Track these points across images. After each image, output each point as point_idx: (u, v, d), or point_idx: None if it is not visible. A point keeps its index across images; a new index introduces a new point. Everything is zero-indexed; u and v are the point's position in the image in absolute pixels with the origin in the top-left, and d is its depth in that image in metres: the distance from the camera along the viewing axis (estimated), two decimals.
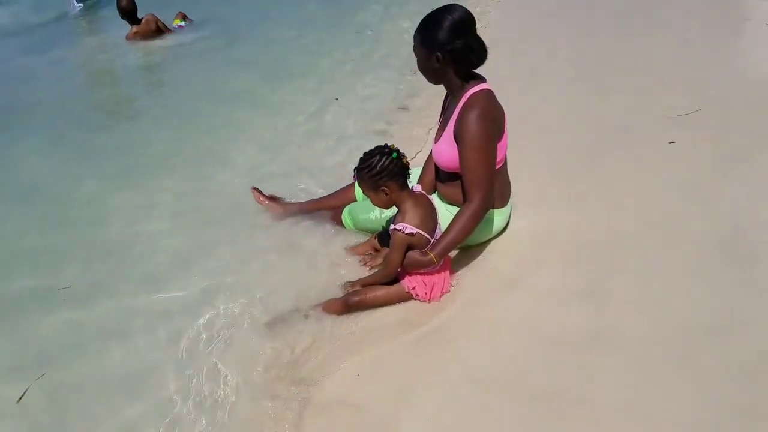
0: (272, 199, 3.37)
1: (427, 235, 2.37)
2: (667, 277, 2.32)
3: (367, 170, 2.33)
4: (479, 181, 2.35)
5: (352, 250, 2.87)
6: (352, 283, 2.58)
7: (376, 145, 2.40)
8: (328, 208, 3.13)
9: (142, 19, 7.09)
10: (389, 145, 2.37)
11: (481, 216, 2.40)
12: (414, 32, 2.40)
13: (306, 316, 2.48)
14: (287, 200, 3.38)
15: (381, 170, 2.31)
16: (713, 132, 3.28)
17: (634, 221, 2.69)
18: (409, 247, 2.38)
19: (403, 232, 2.33)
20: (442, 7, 2.35)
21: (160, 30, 7.17)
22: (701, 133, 3.28)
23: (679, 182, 2.90)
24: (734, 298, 2.15)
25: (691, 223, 2.59)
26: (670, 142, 3.23)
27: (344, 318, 2.45)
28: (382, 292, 2.48)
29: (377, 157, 2.32)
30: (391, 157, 2.32)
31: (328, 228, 3.03)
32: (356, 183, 3.00)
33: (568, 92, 4.20)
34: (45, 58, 7.08)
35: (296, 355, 2.31)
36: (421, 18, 2.39)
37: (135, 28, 7.04)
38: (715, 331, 2.03)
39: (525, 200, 2.89)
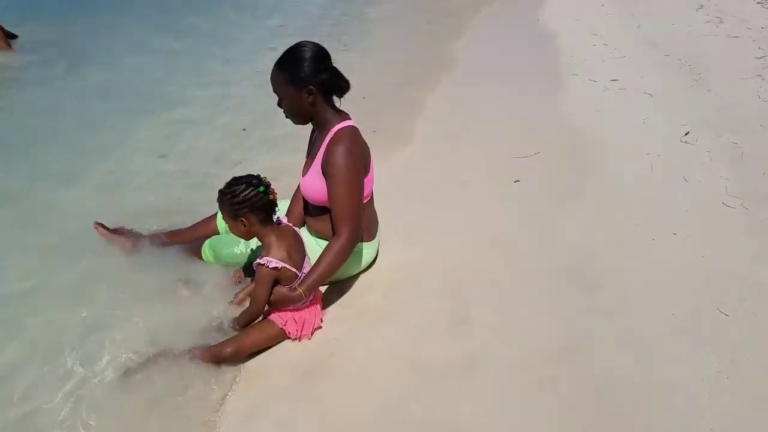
0: (118, 232, 3.10)
1: (293, 269, 2.34)
2: (523, 305, 2.52)
3: (229, 196, 2.26)
4: (347, 214, 2.38)
5: (233, 278, 2.75)
6: (232, 324, 2.43)
7: (248, 174, 2.33)
8: (186, 241, 2.94)
9: None
10: (261, 177, 2.32)
11: (349, 250, 2.42)
12: (272, 76, 2.39)
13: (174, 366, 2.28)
14: (137, 232, 3.14)
15: (243, 200, 2.25)
16: (552, 171, 3.64)
17: (490, 253, 2.89)
18: (276, 282, 2.33)
19: (267, 266, 2.27)
20: (294, 45, 2.40)
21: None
22: (541, 173, 3.62)
23: (526, 217, 3.17)
24: (582, 323, 2.38)
25: (540, 255, 2.84)
26: (515, 181, 3.52)
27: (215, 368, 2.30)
28: (258, 335, 2.37)
29: (243, 186, 2.26)
30: (257, 190, 2.26)
31: (188, 262, 2.86)
32: (218, 214, 2.91)
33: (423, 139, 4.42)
34: None
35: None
36: (275, 61, 2.39)
37: None
38: (568, 353, 2.23)
39: (392, 235, 2.99)
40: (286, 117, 2.50)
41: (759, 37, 5.53)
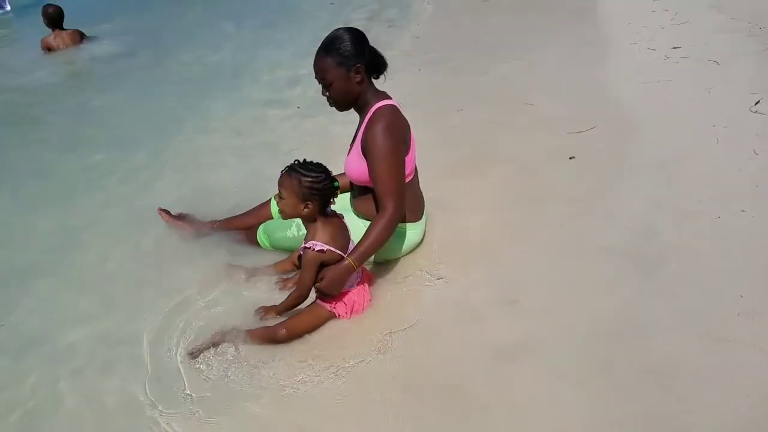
0: (181, 218, 3.20)
1: (339, 252, 2.35)
2: (579, 286, 2.45)
3: (309, 180, 2.27)
4: (389, 190, 2.42)
5: (274, 267, 2.77)
6: (265, 310, 2.47)
7: (320, 162, 2.36)
8: (242, 228, 3.01)
9: (66, 29, 6.63)
10: (331, 172, 2.36)
11: (394, 223, 2.44)
12: (317, 62, 2.43)
13: (233, 347, 2.34)
14: (197, 218, 3.21)
15: (320, 189, 2.29)
16: (608, 146, 3.50)
17: (544, 231, 2.82)
18: (322, 266, 2.35)
19: (313, 249, 2.30)
20: (333, 32, 2.45)
21: (79, 41, 6.72)
22: (597, 148, 3.49)
23: (583, 194, 3.07)
24: (641, 304, 2.29)
25: (598, 232, 2.75)
26: (570, 158, 3.41)
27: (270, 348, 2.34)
28: (309, 318, 2.39)
29: (323, 176, 2.30)
30: (333, 185, 2.32)
31: (245, 248, 2.92)
32: (273, 199, 2.94)
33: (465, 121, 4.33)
34: None
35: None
36: (318, 48, 2.43)
37: (53, 38, 6.56)
38: (625, 336, 2.16)
39: (441, 213, 2.96)
40: (331, 105, 2.53)
41: None
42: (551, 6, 6.62)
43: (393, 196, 2.41)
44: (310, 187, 2.27)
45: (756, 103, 3.64)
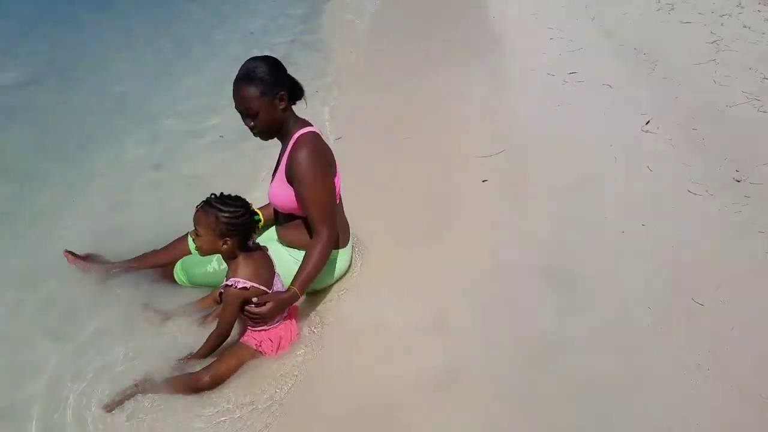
0: (89, 258, 3.02)
1: (263, 288, 2.29)
2: (498, 308, 2.52)
3: (226, 215, 2.19)
4: (322, 214, 2.42)
5: (195, 305, 2.66)
6: (187, 358, 2.35)
7: (238, 195, 2.29)
8: (158, 265, 2.87)
9: None
10: (251, 205, 2.30)
11: (330, 248, 2.46)
12: (239, 92, 2.36)
13: (152, 398, 2.21)
14: (107, 258, 3.04)
15: (239, 224, 2.21)
16: (517, 168, 3.65)
17: (463, 254, 2.89)
18: (244, 303, 2.27)
19: (236, 287, 2.23)
20: (250, 60, 2.42)
21: None
22: (507, 171, 3.63)
23: (496, 217, 3.18)
24: (558, 322, 2.39)
25: (512, 255, 2.84)
26: (483, 181, 3.53)
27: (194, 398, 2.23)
28: (233, 360, 2.31)
29: (242, 210, 2.22)
30: (252, 219, 2.26)
31: (161, 286, 2.79)
32: (189, 234, 2.84)
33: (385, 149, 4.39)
34: None
35: None
36: (234, 79, 2.38)
37: None
38: (546, 355, 2.24)
39: (363, 241, 2.97)
40: (255, 134, 2.48)
41: (710, 21, 5.67)
42: (453, 39, 6.85)
43: (326, 221, 2.43)
44: (228, 222, 2.19)
45: (647, 123, 3.92)
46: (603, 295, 2.50)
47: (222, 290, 2.28)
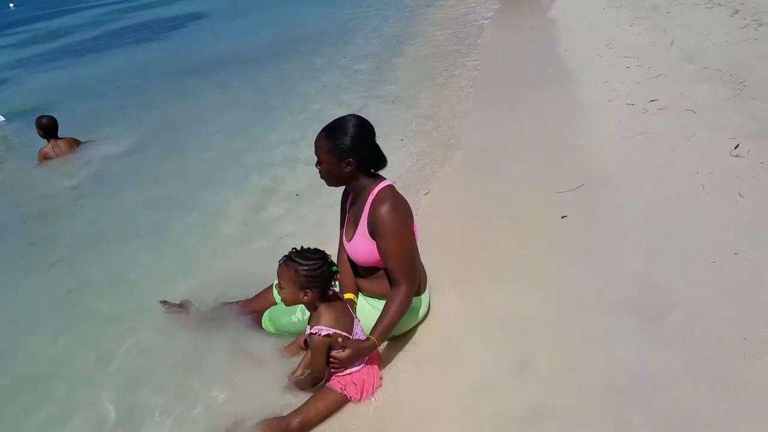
0: (182, 306, 3.24)
1: (344, 333, 2.39)
2: (587, 344, 2.46)
3: (306, 268, 2.32)
4: (404, 267, 2.50)
5: (286, 350, 2.78)
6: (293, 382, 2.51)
7: (317, 248, 2.42)
8: (246, 313, 3.05)
9: (61, 138, 6.75)
10: (329, 256, 2.42)
11: (410, 298, 2.52)
12: (316, 140, 2.51)
13: None
14: (198, 307, 3.23)
15: (318, 276, 2.34)
16: (598, 202, 3.58)
17: (544, 292, 2.85)
18: (330, 348, 2.37)
19: (320, 334, 2.34)
20: (342, 117, 2.53)
21: (75, 147, 6.88)
22: (588, 205, 3.57)
23: (580, 252, 3.12)
24: (649, 357, 2.30)
25: (599, 289, 2.77)
26: (562, 217, 3.48)
27: None
28: (321, 404, 2.39)
29: (320, 262, 2.35)
30: (330, 269, 2.38)
31: (250, 332, 2.94)
32: (274, 285, 2.98)
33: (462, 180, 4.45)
34: None
35: None
36: (324, 125, 2.51)
37: (51, 148, 6.70)
38: (638, 391, 2.16)
39: (442, 282, 2.99)
40: (321, 177, 2.60)
41: None
42: (530, 74, 6.88)
43: (407, 273, 2.50)
44: (307, 275, 2.33)
45: (735, 147, 3.75)
46: (695, 328, 2.38)
47: (307, 338, 2.40)
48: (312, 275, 2.33)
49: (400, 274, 2.48)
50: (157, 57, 12.40)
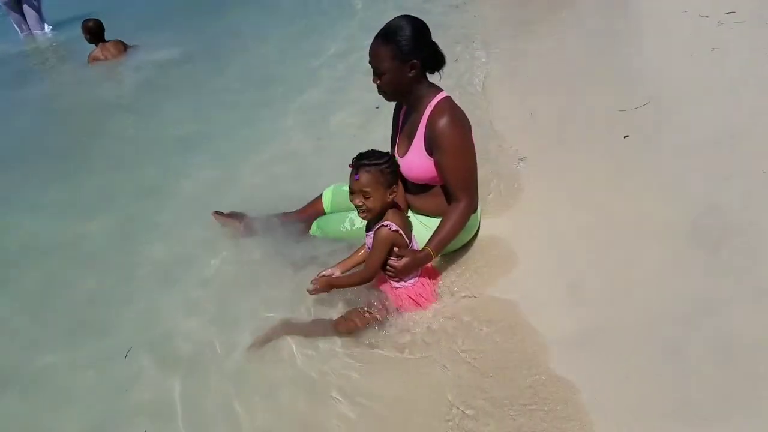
0: (235, 216, 3.24)
1: (407, 239, 2.36)
2: (644, 267, 2.39)
3: (386, 165, 2.27)
4: (464, 183, 2.43)
5: (339, 265, 2.66)
6: (321, 281, 2.45)
7: (372, 149, 2.33)
8: (296, 221, 3.03)
9: (108, 41, 6.81)
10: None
11: (468, 215, 2.47)
12: (372, 49, 2.37)
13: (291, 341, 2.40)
14: (248, 216, 3.24)
15: (397, 170, 2.33)
16: (665, 122, 3.39)
17: (601, 213, 2.76)
18: (391, 249, 2.33)
19: (390, 228, 2.29)
20: (396, 19, 2.37)
21: (124, 51, 6.91)
22: (653, 125, 3.39)
23: (639, 173, 2.99)
24: (709, 283, 2.23)
25: (660, 212, 2.66)
26: (625, 136, 3.32)
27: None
28: (369, 313, 2.40)
29: (390, 156, 2.32)
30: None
31: (299, 239, 2.95)
32: (324, 193, 2.99)
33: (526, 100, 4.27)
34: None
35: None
36: (376, 34, 2.37)
37: (100, 50, 6.76)
38: (694, 316, 2.10)
39: (495, 199, 2.95)
40: (380, 92, 2.48)
41: None
42: None
43: (467, 189, 2.44)
44: (391, 170, 2.29)
45: None
46: (759, 255, 2.28)
47: (374, 232, 2.34)
48: (395, 169, 2.31)
49: (460, 189, 2.42)
50: None
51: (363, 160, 2.26)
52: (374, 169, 2.24)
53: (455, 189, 2.42)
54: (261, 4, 8.86)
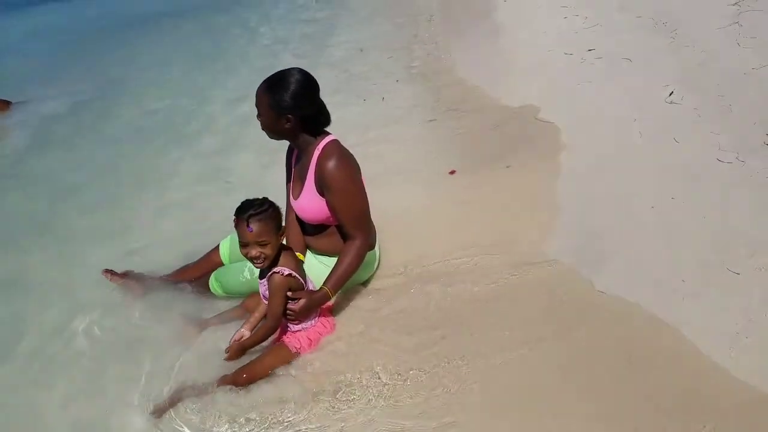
0: (127, 276, 3.10)
1: (302, 280, 2.38)
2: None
3: (271, 210, 2.27)
4: (357, 220, 2.48)
5: (230, 314, 2.72)
6: (233, 349, 2.41)
7: (254, 197, 2.33)
8: (193, 278, 2.96)
9: None
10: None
11: (364, 252, 2.51)
12: (258, 92, 2.40)
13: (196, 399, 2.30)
14: (144, 275, 3.12)
15: (280, 215, 2.33)
16: (537, 153, 3.62)
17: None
18: (289, 291, 2.33)
19: (282, 274, 2.31)
20: (286, 70, 2.41)
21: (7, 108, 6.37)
22: (525, 159, 3.60)
23: (521, 202, 3.16)
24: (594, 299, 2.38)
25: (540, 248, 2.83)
26: (506, 166, 3.50)
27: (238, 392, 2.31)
28: (271, 360, 2.38)
29: (272, 204, 2.30)
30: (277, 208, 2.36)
31: (197, 298, 2.88)
32: (221, 244, 2.91)
33: None
34: None
35: None
36: (264, 78, 2.40)
37: None
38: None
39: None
40: (262, 129, 2.50)
41: None
42: (466, 26, 6.84)
43: (361, 226, 2.48)
44: (277, 214, 2.31)
45: (670, 94, 3.84)
46: (636, 271, 2.48)
47: (265, 282, 2.35)
48: (279, 212, 2.32)
49: (354, 227, 2.46)
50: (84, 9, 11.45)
51: (250, 211, 2.25)
52: (263, 216, 2.25)
53: (348, 228, 2.46)
54: (153, 42, 8.58)
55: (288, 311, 2.35)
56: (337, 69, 6.17)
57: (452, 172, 3.56)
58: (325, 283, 2.43)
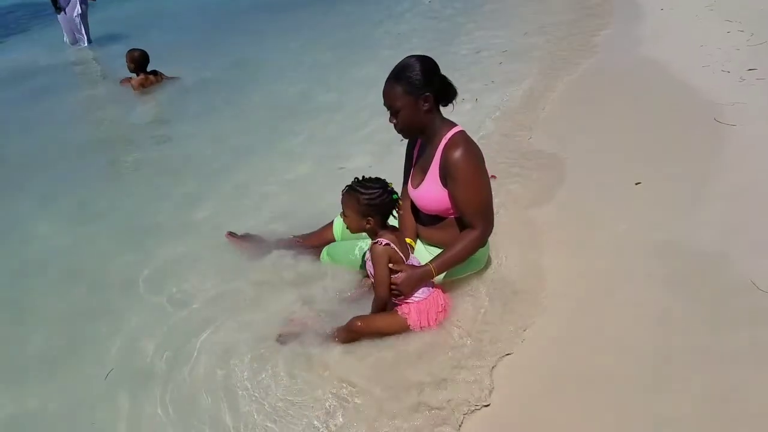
0: (247, 239, 3.30)
1: (401, 255, 2.43)
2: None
3: (366, 197, 2.37)
4: (480, 211, 2.47)
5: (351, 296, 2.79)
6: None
7: (378, 177, 2.44)
8: (306, 248, 3.09)
9: (149, 72, 6.78)
10: (390, 184, 2.43)
11: (481, 242, 2.50)
12: (385, 89, 2.45)
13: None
14: (261, 238, 3.30)
15: (378, 204, 2.38)
16: (697, 171, 3.41)
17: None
18: (390, 261, 2.40)
19: (381, 243, 2.39)
20: (404, 59, 2.47)
21: (162, 80, 6.90)
22: (680, 173, 3.41)
23: (651, 217, 3.01)
24: None
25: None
26: (636, 183, 3.34)
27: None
28: (384, 320, 2.47)
29: (379, 191, 2.38)
30: (391, 197, 2.40)
31: (308, 264, 3.00)
32: (335, 221, 3.03)
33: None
34: (44, 105, 6.73)
35: None
36: (387, 76, 2.45)
37: (139, 80, 6.72)
38: None
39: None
40: (398, 131, 2.55)
41: None
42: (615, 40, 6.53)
43: (483, 217, 2.48)
44: (368, 203, 2.37)
45: None
46: None
47: (369, 253, 2.44)
48: (372, 203, 2.37)
49: (476, 217, 2.45)
50: None
51: (353, 184, 2.41)
52: (353, 195, 2.39)
53: (470, 217, 2.46)
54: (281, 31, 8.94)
55: (393, 285, 2.42)
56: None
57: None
58: (431, 260, 2.46)
